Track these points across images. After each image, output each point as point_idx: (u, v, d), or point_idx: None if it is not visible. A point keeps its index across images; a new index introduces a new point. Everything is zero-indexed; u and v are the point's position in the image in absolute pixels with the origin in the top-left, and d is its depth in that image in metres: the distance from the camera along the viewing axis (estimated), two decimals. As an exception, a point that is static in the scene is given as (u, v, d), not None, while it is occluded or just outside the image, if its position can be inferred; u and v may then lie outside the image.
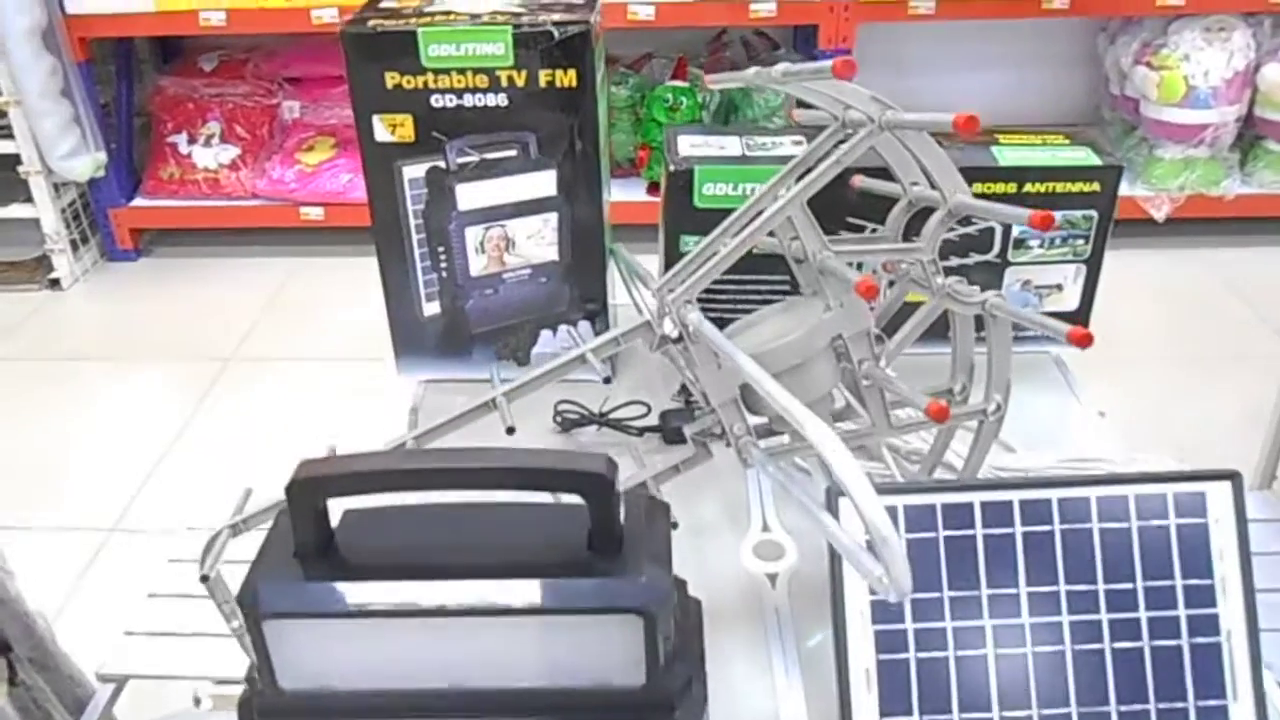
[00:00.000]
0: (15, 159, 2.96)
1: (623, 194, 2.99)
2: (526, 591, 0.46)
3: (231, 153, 3.16)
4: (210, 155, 3.16)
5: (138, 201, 3.20)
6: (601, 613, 0.46)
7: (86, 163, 2.99)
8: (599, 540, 0.48)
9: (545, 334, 1.12)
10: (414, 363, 1.14)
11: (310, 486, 0.47)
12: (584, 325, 1.12)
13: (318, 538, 0.48)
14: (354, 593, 0.47)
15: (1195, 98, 2.89)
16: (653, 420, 1.06)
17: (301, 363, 2.70)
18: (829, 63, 0.68)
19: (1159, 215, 2.98)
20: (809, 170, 0.80)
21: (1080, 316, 1.15)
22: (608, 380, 0.83)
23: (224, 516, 0.81)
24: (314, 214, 3.11)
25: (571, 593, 0.46)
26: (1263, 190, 3.04)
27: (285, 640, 0.47)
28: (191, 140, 3.17)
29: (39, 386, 2.66)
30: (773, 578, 0.89)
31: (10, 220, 3.06)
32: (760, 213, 0.80)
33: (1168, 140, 2.98)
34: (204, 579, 0.70)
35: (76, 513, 2.22)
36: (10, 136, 2.93)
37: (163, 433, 2.45)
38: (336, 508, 0.51)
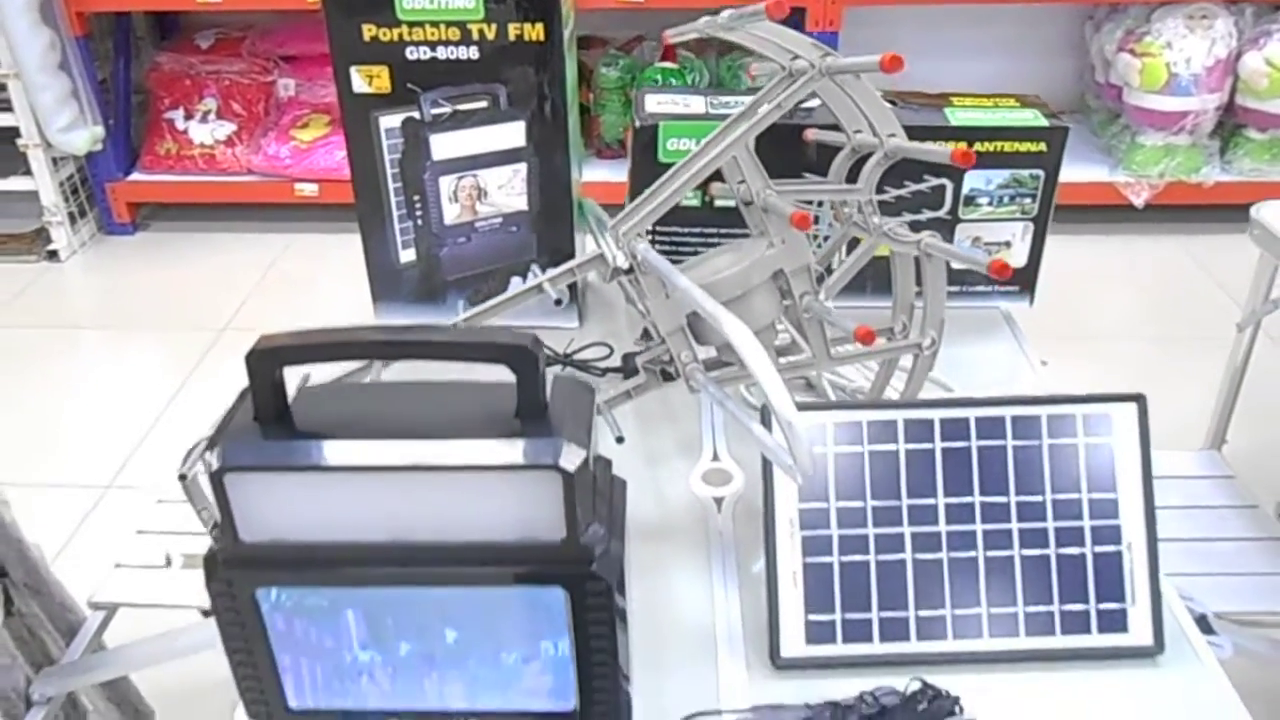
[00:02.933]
0: (14, 132, 3.02)
1: (612, 174, 3.03)
2: (457, 450, 0.52)
3: (227, 129, 3.21)
4: (206, 131, 3.21)
5: (135, 176, 3.26)
6: (524, 469, 0.52)
7: (84, 136, 3.04)
8: (525, 409, 0.53)
9: (515, 281, 1.17)
10: (391, 309, 1.20)
11: (268, 356, 0.52)
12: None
13: (274, 405, 0.54)
14: (305, 449, 0.52)
15: (1176, 85, 2.94)
16: (615, 362, 1.11)
17: (293, 333, 2.76)
18: (762, 5, 0.73)
19: (1138, 201, 3.03)
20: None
21: (1028, 272, 1.21)
22: (559, 302, 0.89)
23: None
24: (308, 190, 3.16)
25: (497, 450, 0.52)
26: (1242, 178, 3.09)
27: (244, 494, 0.53)
28: (188, 116, 3.22)
29: (37, 354, 2.72)
30: (719, 502, 0.94)
31: (9, 193, 3.12)
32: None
33: (1149, 127, 3.03)
34: (182, 478, 0.76)
35: (74, 471, 2.27)
36: (9, 109, 2.99)
37: (157, 398, 2.51)
38: (293, 389, 0.56)
